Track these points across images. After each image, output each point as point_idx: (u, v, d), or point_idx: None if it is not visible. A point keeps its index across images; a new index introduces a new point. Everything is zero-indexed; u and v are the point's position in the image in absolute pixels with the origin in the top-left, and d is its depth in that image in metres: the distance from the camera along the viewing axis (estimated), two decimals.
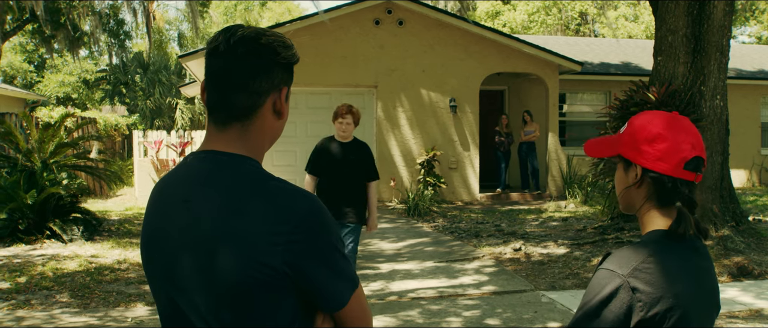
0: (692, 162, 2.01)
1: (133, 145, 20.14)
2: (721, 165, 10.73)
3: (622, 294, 1.89)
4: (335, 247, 1.80)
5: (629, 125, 2.13)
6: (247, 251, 1.71)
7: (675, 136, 2.02)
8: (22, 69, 47.16)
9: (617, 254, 1.99)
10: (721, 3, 10.57)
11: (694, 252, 2.03)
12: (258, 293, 1.74)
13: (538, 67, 18.37)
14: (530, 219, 14.27)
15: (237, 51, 1.82)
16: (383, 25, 17.43)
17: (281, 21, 38.07)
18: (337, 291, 1.80)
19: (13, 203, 11.22)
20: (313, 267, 1.75)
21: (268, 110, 1.90)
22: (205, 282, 1.77)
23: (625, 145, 2.11)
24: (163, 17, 45.06)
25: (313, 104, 17.53)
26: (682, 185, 2.02)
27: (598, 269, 1.99)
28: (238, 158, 1.85)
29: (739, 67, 21.86)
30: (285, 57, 1.89)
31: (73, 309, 7.62)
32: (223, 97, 1.86)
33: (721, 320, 7.13)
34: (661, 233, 2.03)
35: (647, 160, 2.04)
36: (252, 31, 1.85)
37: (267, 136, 1.94)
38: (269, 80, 1.87)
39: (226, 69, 1.84)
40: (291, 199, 1.77)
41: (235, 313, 1.76)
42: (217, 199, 1.78)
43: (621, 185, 2.16)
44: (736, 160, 17.48)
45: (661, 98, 10.61)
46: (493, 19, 41.84)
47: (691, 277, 1.98)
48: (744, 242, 10.04)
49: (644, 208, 2.09)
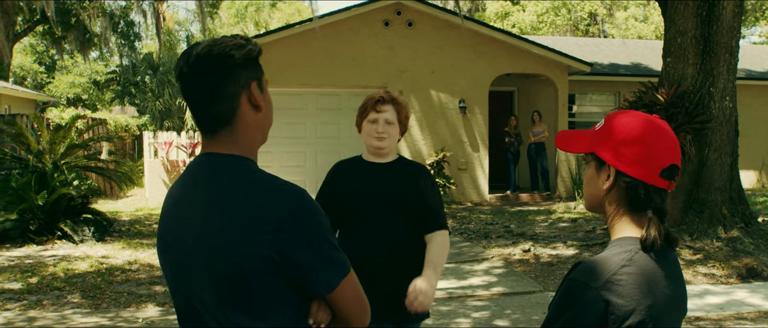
0: (668, 170, 1.94)
1: (143, 146, 20.19)
2: (731, 166, 10.71)
3: (595, 308, 1.82)
4: (323, 236, 1.92)
5: (607, 123, 2.04)
6: (240, 243, 1.85)
7: (654, 141, 1.94)
8: (33, 70, 47.36)
9: (587, 264, 1.91)
10: (731, 4, 10.56)
11: (664, 260, 1.95)
12: (253, 284, 1.87)
13: (548, 68, 18.36)
14: (539, 220, 14.27)
15: (197, 69, 1.96)
16: (393, 27, 17.45)
17: (291, 22, 38.16)
18: (325, 276, 1.91)
19: (25, 203, 11.29)
20: (301, 255, 1.87)
21: (246, 108, 2.01)
22: (208, 278, 1.91)
23: (601, 144, 2.02)
24: (172, 18, 45.14)
25: (322, 105, 17.55)
26: (655, 193, 1.94)
27: (568, 280, 1.91)
28: (233, 158, 1.99)
29: (748, 67, 21.78)
30: (241, 57, 1.97)
31: (85, 310, 7.66)
32: (203, 113, 2.00)
33: (729, 321, 7.14)
34: (631, 240, 1.95)
35: (623, 164, 1.96)
36: (205, 47, 1.96)
37: (254, 131, 2.05)
38: (235, 83, 1.98)
39: (195, 88, 1.98)
40: (279, 192, 1.91)
41: (236, 306, 1.90)
42: (213, 197, 1.93)
43: (591, 184, 2.08)
44: (745, 162, 17.42)
45: (671, 100, 10.60)
46: (502, 20, 41.78)
47: (662, 287, 1.91)
48: (753, 244, 10.03)
49: (614, 212, 2.02)
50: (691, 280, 8.84)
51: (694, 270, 9.15)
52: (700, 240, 10.13)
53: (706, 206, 10.50)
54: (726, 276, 8.98)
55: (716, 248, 9.86)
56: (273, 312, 1.91)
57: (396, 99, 4.01)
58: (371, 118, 3.93)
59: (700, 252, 9.73)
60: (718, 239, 10.10)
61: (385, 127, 3.90)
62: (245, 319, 1.90)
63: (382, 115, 3.91)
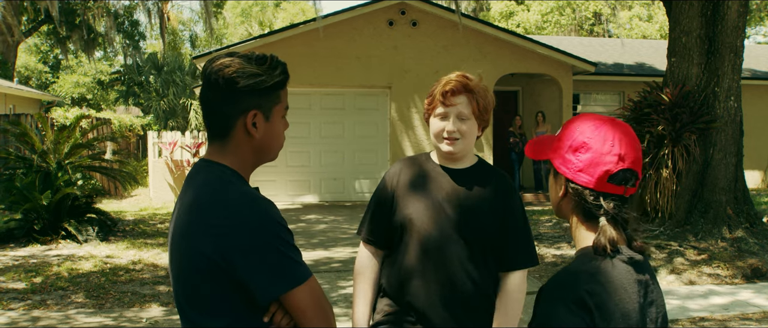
0: (618, 176, 1.86)
1: (147, 146, 20.21)
2: (736, 166, 10.69)
3: (582, 320, 1.76)
4: (272, 245, 1.96)
5: (562, 129, 2.00)
6: (192, 241, 1.99)
7: (600, 146, 1.87)
8: (37, 70, 47.46)
9: (555, 281, 1.86)
10: (735, 4, 10.54)
11: (634, 267, 1.87)
12: (202, 283, 1.99)
13: (552, 67, 18.34)
14: (544, 220, 14.25)
15: (209, 81, 2.06)
16: (397, 27, 17.44)
17: (295, 21, 38.17)
18: (264, 285, 1.95)
19: (29, 203, 11.30)
20: (241, 260, 1.93)
21: (241, 131, 2.09)
22: (175, 276, 2.09)
23: (554, 151, 1.98)
24: (177, 18, 45.26)
25: (327, 105, 17.57)
26: (606, 199, 1.86)
27: (542, 303, 1.87)
28: (218, 167, 2.08)
29: (753, 67, 21.75)
30: (246, 85, 2.04)
31: (89, 309, 7.66)
32: (205, 119, 2.13)
33: (734, 322, 7.12)
34: (590, 250, 1.88)
35: (569, 171, 1.91)
36: (219, 64, 2.05)
37: (247, 152, 2.13)
38: (234, 106, 2.06)
39: (203, 96, 2.11)
40: (236, 198, 1.99)
41: (193, 304, 2.04)
42: (188, 200, 2.06)
43: (551, 191, 2.04)
44: (750, 162, 17.41)
45: (675, 99, 10.59)
46: (507, 20, 41.78)
47: (634, 295, 1.84)
48: (758, 244, 10.00)
49: (572, 220, 1.97)
50: (696, 280, 8.82)
51: (698, 270, 9.13)
52: (705, 240, 10.11)
53: (710, 206, 10.48)
54: (731, 276, 8.96)
55: (721, 249, 9.83)
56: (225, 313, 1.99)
57: (471, 86, 2.99)
58: (439, 113, 3.00)
59: (704, 252, 9.71)
60: (722, 239, 10.08)
61: (458, 125, 2.96)
62: (201, 318, 2.02)
63: (452, 109, 2.96)
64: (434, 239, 2.92)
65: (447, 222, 2.92)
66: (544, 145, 2.06)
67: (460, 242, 2.91)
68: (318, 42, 16.81)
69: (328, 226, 13.48)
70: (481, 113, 2.98)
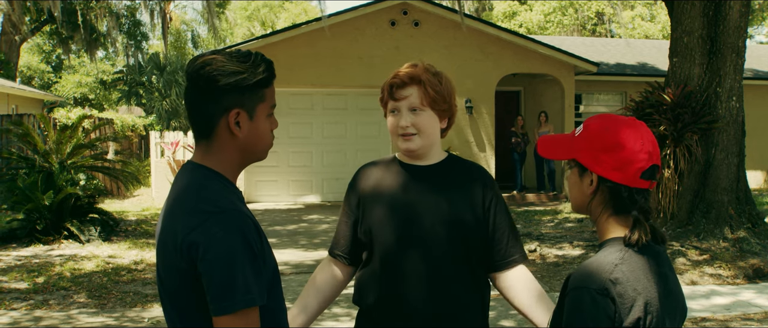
0: (648, 171, 2.00)
1: (150, 146, 20.23)
2: (738, 167, 10.68)
3: (606, 309, 1.87)
4: (223, 261, 1.87)
5: (585, 129, 2.10)
6: (167, 247, 1.98)
7: (632, 145, 2.00)
8: (40, 70, 47.52)
9: (583, 270, 1.96)
10: (737, 3, 10.53)
11: (655, 258, 2.00)
12: (178, 284, 1.97)
13: (554, 67, 18.34)
14: (546, 220, 14.25)
15: (191, 80, 2.03)
16: (399, 27, 17.45)
17: (298, 21, 38.20)
18: (216, 299, 1.86)
19: (31, 203, 11.31)
20: (202, 271, 1.88)
21: (224, 130, 2.05)
22: (158, 274, 2.11)
23: (581, 151, 2.08)
24: (179, 18, 45.29)
25: (329, 105, 17.58)
26: (638, 194, 2.00)
27: (571, 291, 1.93)
28: (198, 169, 2.07)
29: (755, 67, 21.72)
30: (227, 83, 1.99)
31: (91, 309, 7.68)
32: (189, 119, 2.10)
33: (736, 322, 7.12)
34: (620, 241, 2.00)
35: (604, 170, 2.01)
36: (200, 63, 2.02)
37: (232, 151, 2.09)
38: (216, 104, 2.03)
39: (186, 96, 2.09)
40: (203, 207, 1.94)
41: (173, 305, 2.03)
42: (169, 203, 2.05)
43: (575, 188, 2.13)
44: (752, 162, 17.36)
45: (677, 100, 10.58)
46: (509, 20, 41.75)
47: (657, 282, 1.96)
48: (760, 244, 10.00)
49: (601, 215, 2.07)
50: (698, 280, 8.82)
51: (700, 270, 9.12)
52: (707, 240, 10.11)
53: (712, 206, 10.47)
54: (732, 277, 8.95)
55: (723, 249, 9.83)
56: (206, 316, 1.93)
57: (417, 74, 2.68)
58: (391, 108, 2.77)
59: (706, 252, 9.71)
60: (724, 239, 10.08)
61: (411, 119, 2.68)
62: (182, 319, 2.00)
63: (403, 103, 2.70)
64: (403, 247, 2.64)
65: (417, 227, 2.64)
66: (562, 145, 2.16)
67: (437, 243, 2.63)
68: (320, 42, 16.82)
69: (330, 226, 13.49)
70: (436, 102, 2.68)
